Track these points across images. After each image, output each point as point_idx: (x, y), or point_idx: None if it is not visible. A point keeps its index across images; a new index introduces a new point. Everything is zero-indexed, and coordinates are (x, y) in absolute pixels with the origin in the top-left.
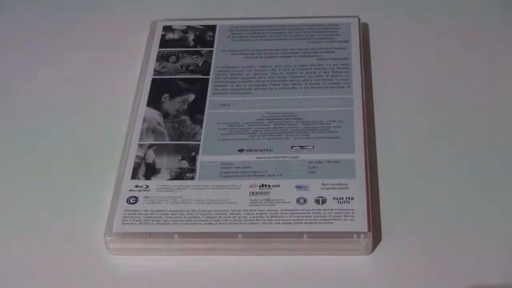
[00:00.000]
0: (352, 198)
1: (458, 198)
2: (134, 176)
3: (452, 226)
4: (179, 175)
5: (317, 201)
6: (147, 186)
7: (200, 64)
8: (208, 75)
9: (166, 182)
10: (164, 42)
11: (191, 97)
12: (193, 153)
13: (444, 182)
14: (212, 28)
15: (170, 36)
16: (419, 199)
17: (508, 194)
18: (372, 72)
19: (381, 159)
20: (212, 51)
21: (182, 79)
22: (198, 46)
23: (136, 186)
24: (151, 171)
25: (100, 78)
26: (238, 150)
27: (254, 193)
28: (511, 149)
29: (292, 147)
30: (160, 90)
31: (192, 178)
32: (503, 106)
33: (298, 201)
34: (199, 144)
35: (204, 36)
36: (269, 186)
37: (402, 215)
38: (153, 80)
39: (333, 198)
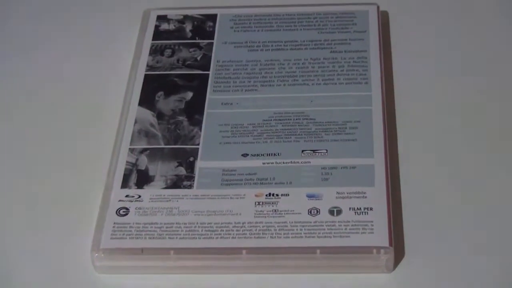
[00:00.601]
0: (371, 209)
1: (492, 209)
2: (125, 184)
3: (484, 240)
4: (175, 184)
5: (331, 212)
6: (139, 196)
7: (198, 58)
8: (208, 70)
9: (160, 191)
10: (158, 34)
11: (189, 95)
12: (191, 159)
13: (475, 191)
14: (212, 17)
15: (164, 26)
16: (447, 209)
17: None
18: (393, 66)
19: (403, 164)
20: (212, 43)
21: (179, 75)
22: (197, 38)
23: (127, 196)
24: (143, 179)
25: (85, 74)
26: (242, 155)
27: (260, 203)
28: None
29: (303, 151)
30: (153, 88)
31: (190, 186)
32: None
33: (310, 212)
34: (197, 148)
35: (203, 26)
36: (277, 195)
37: (428, 227)
38: (146, 76)
39: (350, 209)
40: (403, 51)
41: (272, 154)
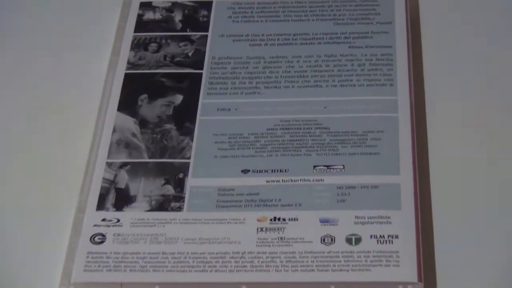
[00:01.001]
0: (397, 237)
1: None
2: (101, 206)
3: None
4: (162, 205)
5: (349, 241)
6: (118, 220)
7: (190, 54)
8: (201, 69)
9: (143, 214)
10: (141, 24)
11: (178, 98)
12: (181, 175)
13: None
14: (207, 5)
15: (149, 16)
16: (486, 238)
17: None
18: (424, 65)
19: (435, 184)
20: (206, 36)
21: (166, 74)
22: (188, 30)
23: (103, 220)
24: (123, 200)
25: (55, 73)
26: (242, 171)
27: (264, 229)
28: None
29: (315, 166)
30: (135, 90)
31: (179, 209)
32: None
33: (323, 240)
34: (188, 163)
35: (195, 16)
36: (283, 220)
37: (463, 260)
38: (126, 76)
39: (371, 237)
40: (436, 47)
41: (278, 170)
